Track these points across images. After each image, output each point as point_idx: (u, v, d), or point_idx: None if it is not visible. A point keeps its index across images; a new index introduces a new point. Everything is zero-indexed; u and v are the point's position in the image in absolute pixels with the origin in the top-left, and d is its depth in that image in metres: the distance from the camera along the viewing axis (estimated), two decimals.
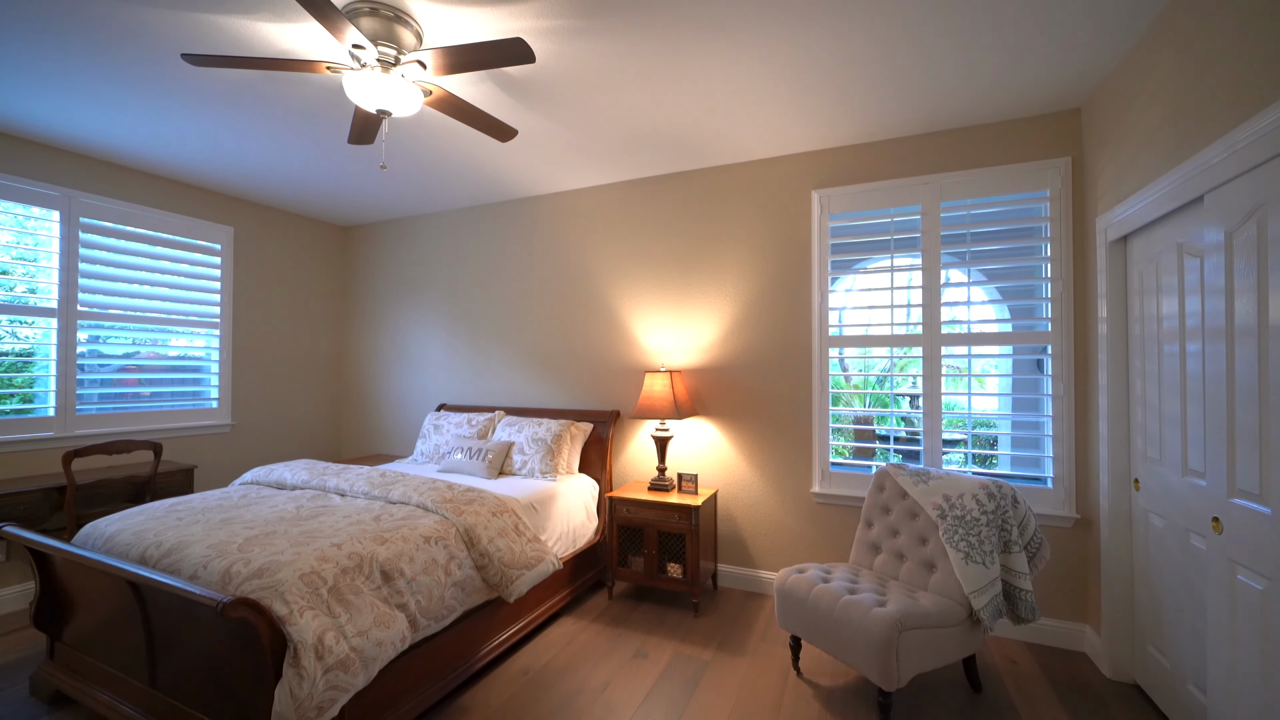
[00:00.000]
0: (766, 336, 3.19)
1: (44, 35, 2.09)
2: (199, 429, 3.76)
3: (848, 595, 2.10)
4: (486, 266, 4.09)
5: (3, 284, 2.98)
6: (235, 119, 2.76)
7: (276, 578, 1.68)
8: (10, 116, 2.72)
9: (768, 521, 3.17)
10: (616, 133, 2.89)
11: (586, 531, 3.18)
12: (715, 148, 3.08)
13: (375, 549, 1.95)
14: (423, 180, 3.62)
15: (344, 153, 3.18)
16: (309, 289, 4.50)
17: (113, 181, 3.34)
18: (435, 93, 2.23)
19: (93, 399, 3.30)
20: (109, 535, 2.08)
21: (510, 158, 3.23)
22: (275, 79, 2.40)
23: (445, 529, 2.23)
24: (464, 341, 4.16)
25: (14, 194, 2.96)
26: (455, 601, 2.14)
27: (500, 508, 2.50)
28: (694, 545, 2.85)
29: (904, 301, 2.93)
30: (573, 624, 2.82)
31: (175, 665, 1.81)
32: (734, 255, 3.28)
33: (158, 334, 3.60)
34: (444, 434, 3.63)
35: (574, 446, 3.33)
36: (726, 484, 3.27)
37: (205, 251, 3.82)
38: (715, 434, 3.30)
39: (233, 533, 1.99)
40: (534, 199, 3.92)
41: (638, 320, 3.54)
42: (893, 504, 2.46)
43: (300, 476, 2.75)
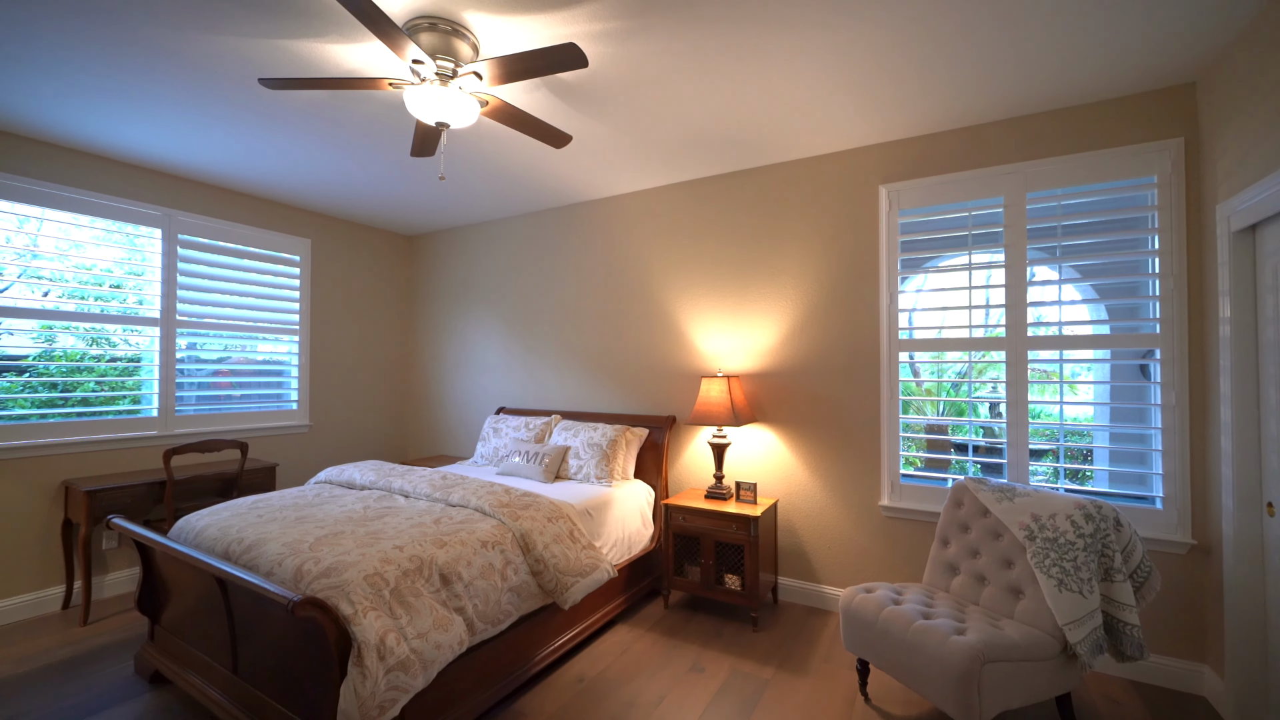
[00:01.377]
0: (830, 340, 3.03)
1: (144, 69, 2.27)
2: (280, 429, 4.01)
3: (922, 620, 1.94)
4: (542, 271, 4.14)
5: (116, 296, 3.31)
6: (309, 137, 2.92)
7: (343, 578, 1.74)
8: (118, 144, 3.00)
9: (832, 535, 3.01)
10: (670, 134, 2.84)
11: (642, 539, 3.14)
12: (773, 145, 2.96)
13: (435, 552, 1.98)
14: (480, 189, 3.71)
15: (407, 165, 3.31)
16: (377, 296, 4.73)
17: (205, 200, 3.63)
18: (491, 102, 2.25)
19: (190, 400, 3.59)
20: (199, 530, 2.23)
21: (565, 163, 3.25)
22: (342, 98, 2.52)
23: (502, 534, 2.25)
24: (521, 346, 4.24)
25: (123, 214, 3.27)
26: (511, 606, 2.15)
27: (555, 513, 2.50)
28: (753, 557, 2.75)
29: (983, 301, 2.71)
30: (627, 632, 2.79)
31: (253, 654, 1.91)
32: (794, 256, 3.15)
33: (245, 340, 3.88)
34: (502, 437, 3.70)
35: (629, 452, 3.30)
36: (787, 494, 3.14)
37: (286, 263, 4.08)
38: (775, 442, 3.18)
39: (305, 531, 2.08)
40: (588, 204, 3.93)
41: (694, 324, 3.47)
42: (972, 522, 2.26)
43: (368, 477, 2.87)
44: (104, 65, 2.24)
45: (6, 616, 2.86)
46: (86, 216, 3.14)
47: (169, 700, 2.21)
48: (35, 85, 2.39)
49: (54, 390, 3.11)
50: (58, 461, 3.03)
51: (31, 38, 2.06)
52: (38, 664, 2.48)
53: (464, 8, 1.91)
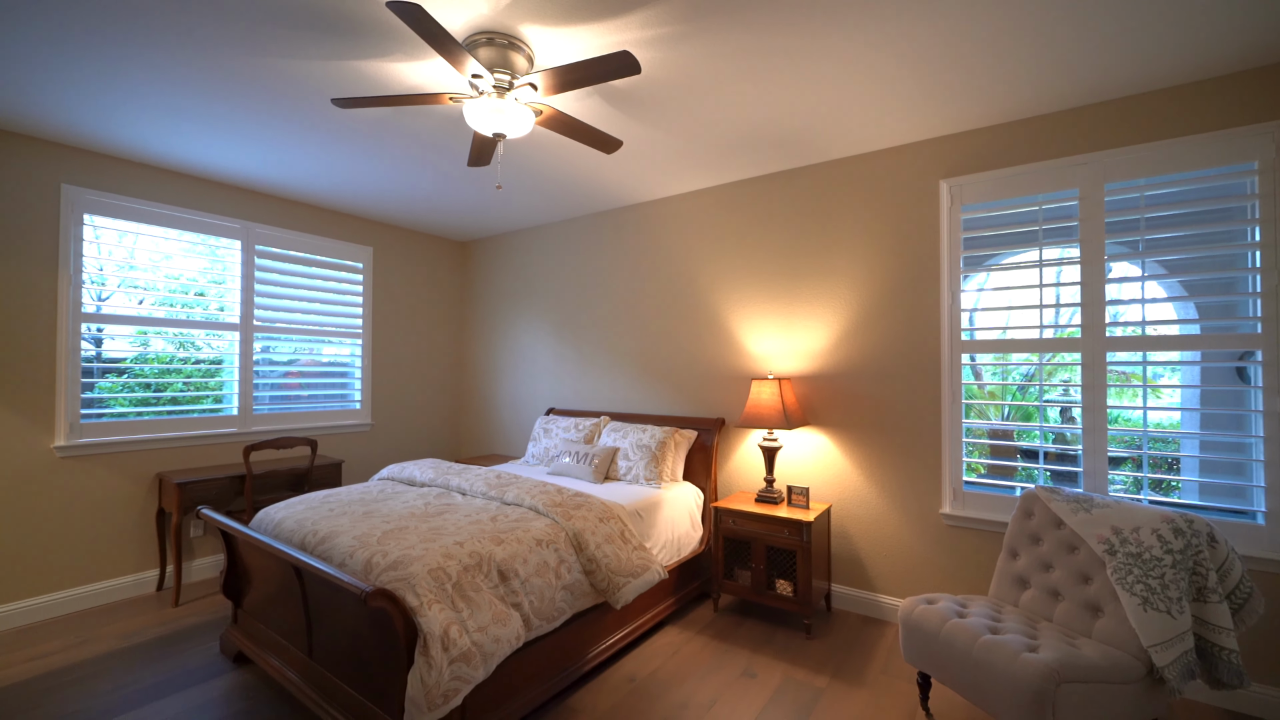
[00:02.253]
0: (886, 341, 2.94)
1: (225, 94, 2.44)
2: (345, 427, 4.23)
3: (989, 634, 1.85)
4: (591, 274, 4.20)
5: (200, 303, 3.57)
6: (373, 151, 3.06)
7: (409, 570, 1.82)
8: (202, 162, 3.24)
9: (889, 543, 2.92)
10: (721, 135, 2.82)
11: (691, 541, 3.13)
12: (826, 142, 2.90)
13: (493, 549, 2.05)
14: (533, 195, 3.80)
15: (463, 175, 3.42)
16: (433, 301, 4.92)
17: (278, 212, 3.87)
18: (545, 112, 2.31)
19: (264, 400, 3.84)
20: (277, 521, 2.38)
21: (614, 168, 3.29)
22: (404, 113, 2.63)
23: (555, 533, 2.30)
24: (570, 347, 4.31)
25: (207, 227, 3.53)
26: (565, 604, 2.19)
27: (607, 514, 2.53)
28: (805, 563, 2.70)
29: (1055, 300, 2.56)
30: (677, 634, 2.79)
31: (327, 639, 2.02)
32: (848, 255, 3.07)
33: (313, 343, 4.12)
34: (553, 437, 3.77)
35: (678, 454, 3.30)
36: (841, 499, 3.06)
37: (350, 270, 4.30)
38: (828, 445, 3.10)
39: (373, 525, 2.19)
40: (636, 206, 3.95)
41: (743, 326, 3.43)
42: (1044, 533, 2.14)
43: (427, 475, 2.99)
44: (190, 92, 2.42)
45: (112, 595, 3.14)
46: (175, 230, 3.41)
47: (250, 679, 2.37)
48: (131, 112, 2.61)
49: (148, 390, 3.40)
50: (152, 455, 3.31)
51: (121, 72, 2.25)
52: (138, 640, 2.71)
53: (520, 21, 1.96)
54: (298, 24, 1.98)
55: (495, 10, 1.91)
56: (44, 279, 2.93)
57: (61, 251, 2.98)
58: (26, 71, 2.27)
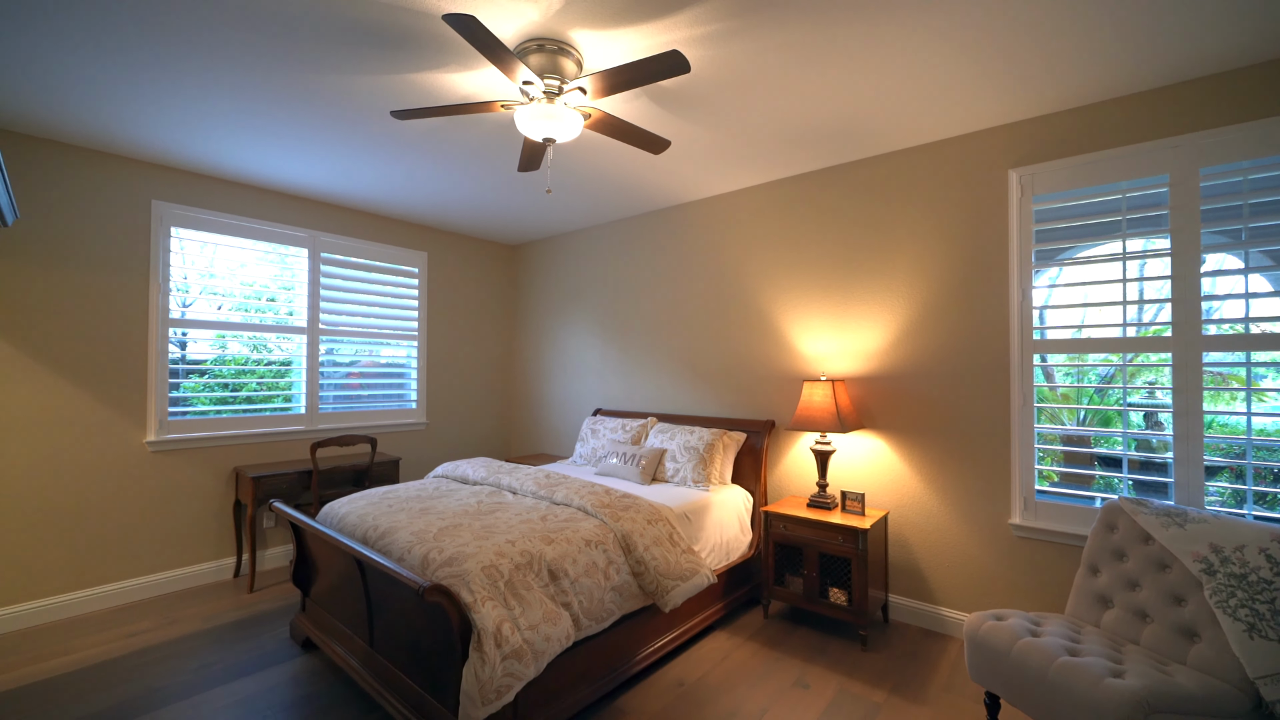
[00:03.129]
0: (949, 341, 2.80)
1: (291, 110, 2.58)
2: (402, 426, 4.40)
3: (1066, 656, 1.73)
4: (638, 275, 4.20)
5: (272, 308, 3.80)
6: (427, 159, 3.17)
7: (463, 567, 1.86)
8: (272, 175, 3.44)
9: (953, 553, 2.77)
10: (772, 130, 2.76)
11: (740, 545, 3.08)
12: (884, 134, 2.78)
13: (543, 548, 2.07)
14: (580, 198, 3.84)
15: (513, 180, 3.49)
16: (484, 303, 5.05)
17: (341, 221, 4.07)
18: (594, 115, 2.32)
19: (329, 399, 4.05)
20: (341, 516, 2.50)
21: (662, 168, 3.27)
22: (457, 122, 2.71)
23: (604, 533, 2.31)
24: (617, 348, 4.32)
25: (278, 237, 3.75)
26: (614, 605, 2.19)
27: (655, 516, 2.51)
28: (861, 572, 2.60)
29: (1139, 295, 2.36)
30: (727, 639, 2.74)
31: (387, 630, 2.10)
32: (907, 251, 2.94)
33: (373, 345, 4.31)
34: (600, 438, 3.80)
35: (726, 456, 3.25)
36: (899, 506, 2.93)
37: (406, 275, 4.48)
38: (884, 450, 2.98)
39: (429, 522, 2.26)
40: (683, 206, 3.93)
41: (794, 326, 3.35)
42: (1130, 549, 1.98)
43: (480, 473, 3.06)
44: (259, 109, 2.57)
45: (195, 580, 3.38)
46: (249, 240, 3.63)
47: (317, 665, 2.50)
48: (211, 131, 2.80)
49: (226, 390, 3.64)
50: (229, 451, 3.54)
51: (201, 95, 2.41)
52: (218, 623, 2.91)
53: (570, 26, 1.98)
54: (358, 40, 2.06)
55: (546, 17, 1.93)
56: (137, 287, 3.19)
57: (152, 262, 3.23)
58: (122, 98, 2.47)
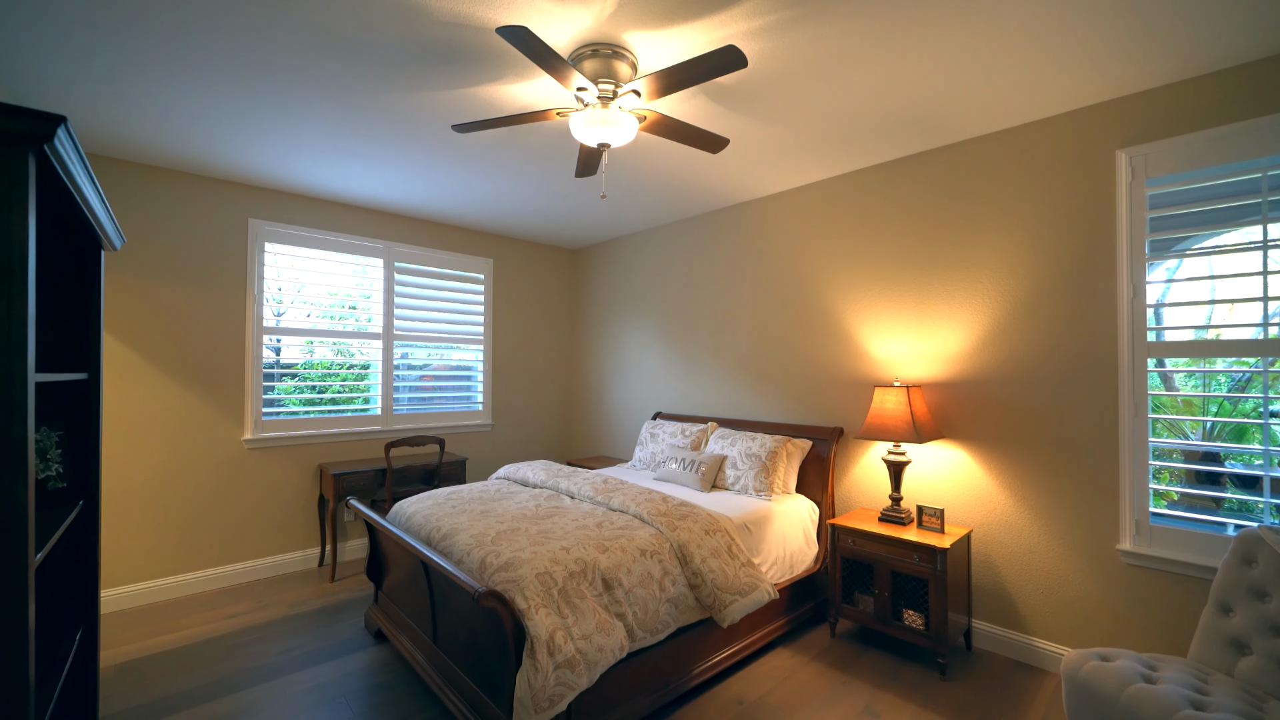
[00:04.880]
0: (1043, 343, 2.53)
1: (366, 130, 2.72)
2: (469, 427, 4.57)
3: (1191, 709, 1.49)
4: (696, 277, 4.12)
5: (353, 315, 4.05)
6: (490, 169, 3.25)
7: (518, 573, 1.88)
8: (351, 191, 3.66)
9: (1047, 579, 2.50)
10: (837, 122, 2.61)
11: (805, 558, 2.93)
12: (963, 118, 2.56)
13: (597, 556, 2.05)
14: (639, 201, 3.82)
15: (572, 186, 3.53)
16: (547, 307, 5.15)
17: (413, 231, 4.27)
18: (649, 117, 2.28)
19: (403, 401, 4.26)
20: (408, 515, 2.61)
21: (720, 167, 3.19)
22: (517, 132, 2.75)
23: (660, 543, 2.26)
24: (676, 351, 4.27)
25: (356, 249, 3.99)
26: (669, 617, 2.14)
27: (713, 526, 2.44)
28: (940, 594, 2.39)
29: None
30: (790, 658, 2.62)
31: (449, 627, 2.16)
32: (993, 245, 2.69)
33: (442, 349, 4.50)
34: (659, 443, 3.75)
35: (790, 464, 3.11)
36: (984, 524, 2.68)
37: (473, 281, 4.64)
38: (966, 462, 2.74)
39: (488, 525, 2.31)
40: (743, 205, 3.81)
41: (864, 328, 3.15)
42: (1273, 587, 1.69)
43: (539, 476, 3.10)
44: (336, 128, 2.73)
45: (285, 568, 3.66)
46: (332, 252, 3.89)
47: (387, 656, 2.62)
48: (297, 150, 3.00)
49: (313, 391, 3.92)
50: (315, 449, 3.81)
51: (287, 117, 2.59)
52: (303, 609, 3.12)
53: (623, 29, 1.95)
54: (420, 58, 2.14)
55: (599, 22, 1.91)
56: (235, 298, 3.49)
57: (248, 275, 3.53)
58: (225, 127, 2.70)
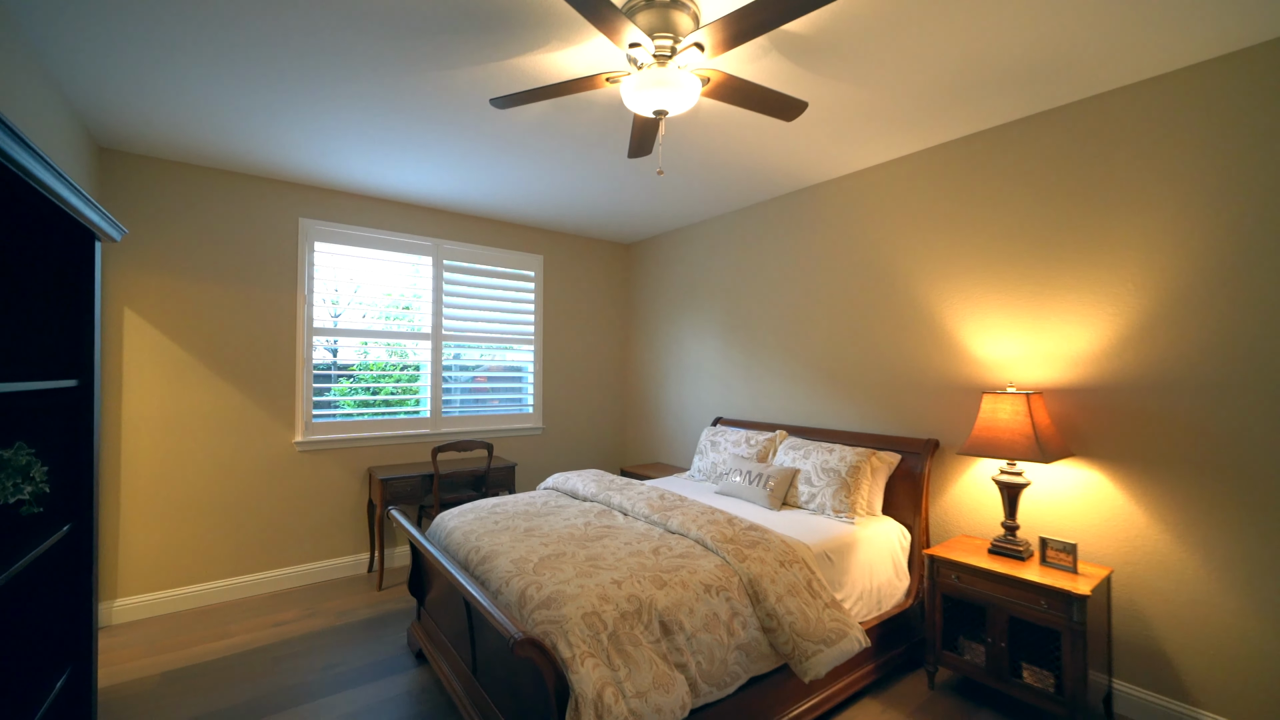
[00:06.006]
0: (1211, 341, 2.00)
1: (405, 117, 2.54)
2: (519, 431, 4.39)
3: None
4: (763, 269, 3.74)
5: (406, 316, 3.95)
6: (536, 157, 3.02)
7: (562, 612, 1.60)
8: (398, 187, 3.53)
9: (1220, 638, 1.98)
10: (935, 79, 2.19)
11: (894, 592, 2.52)
12: (1103, 64, 2.07)
13: (654, 593, 1.75)
14: (697, 187, 3.49)
15: (624, 174, 3.24)
16: (599, 306, 4.90)
17: (461, 228, 4.13)
18: (713, 79, 1.96)
19: (453, 404, 4.13)
20: (448, 530, 2.40)
21: (792, 142, 2.81)
22: (563, 110, 2.49)
23: (727, 577, 1.93)
24: (740, 351, 3.90)
25: (406, 247, 3.88)
26: (739, 667, 1.81)
27: (789, 556, 2.08)
28: (1078, 652, 1.93)
29: None
30: (881, 713, 2.22)
31: (487, 660, 1.92)
32: (1137, 222, 2.18)
33: (492, 350, 4.34)
34: (721, 452, 3.41)
35: (875, 481, 2.69)
36: (1129, 563, 2.18)
37: (523, 279, 4.46)
38: (1103, 486, 2.24)
39: (531, 547, 2.06)
40: (818, 187, 3.40)
41: (965, 323, 2.69)
42: None
43: (589, 489, 2.84)
44: (375, 115, 2.56)
45: (335, 573, 3.59)
46: (382, 251, 3.80)
47: (427, 681, 2.43)
48: (340, 144, 2.87)
49: (367, 393, 3.84)
50: (365, 452, 3.72)
51: (329, 109, 2.44)
52: (349, 619, 3.01)
53: None
54: (456, 25, 1.90)
55: None
56: (286, 299, 3.44)
57: (299, 275, 3.47)
58: (271, 121, 2.60)
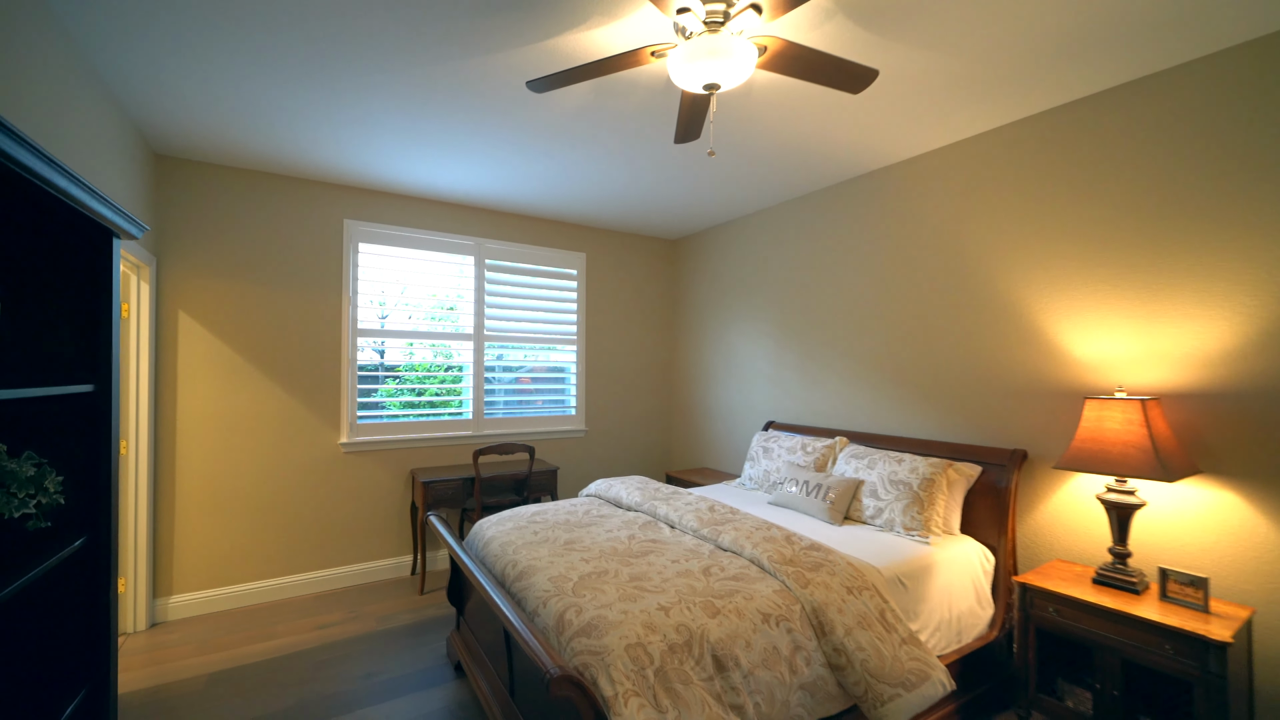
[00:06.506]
0: None
1: (437, 103, 2.45)
2: (561, 433, 4.27)
3: None
4: (819, 262, 3.48)
5: (449, 317, 3.91)
6: (578, 148, 2.87)
7: (603, 642, 1.44)
8: (439, 185, 3.47)
9: None
10: (1028, 38, 1.90)
11: (977, 622, 2.23)
12: (1234, 9, 1.73)
13: (705, 622, 1.56)
14: (747, 176, 3.26)
15: (669, 164, 3.06)
16: (643, 304, 4.73)
17: (503, 226, 4.05)
18: (770, 47, 1.75)
19: (495, 405, 4.06)
20: (486, 540, 2.29)
21: (856, 120, 2.55)
22: (605, 94, 2.34)
23: (787, 605, 1.72)
24: (794, 351, 3.65)
25: (448, 246, 3.83)
26: (802, 709, 1.60)
27: (857, 581, 1.84)
28: (1215, 707, 1.61)
29: None
30: None
31: (525, 683, 1.78)
32: (1275, 199, 1.83)
33: (534, 351, 4.24)
34: (774, 459, 3.18)
35: (952, 496, 2.41)
36: (1273, 603, 1.83)
37: (565, 278, 4.34)
38: (1239, 510, 1.89)
39: (571, 563, 1.91)
40: (884, 171, 3.11)
41: (1060, 317, 2.36)
42: None
43: (634, 497, 2.68)
44: (412, 106, 2.48)
45: (378, 574, 3.57)
46: (424, 251, 3.76)
47: (464, 697, 2.32)
48: (379, 141, 2.82)
49: (413, 394, 3.82)
50: (408, 454, 3.69)
51: (361, 96, 2.37)
52: (390, 625, 2.96)
53: None
54: (488, 5, 1.78)
55: None
56: (331, 301, 3.44)
57: (343, 276, 3.47)
58: (311, 119, 2.56)
